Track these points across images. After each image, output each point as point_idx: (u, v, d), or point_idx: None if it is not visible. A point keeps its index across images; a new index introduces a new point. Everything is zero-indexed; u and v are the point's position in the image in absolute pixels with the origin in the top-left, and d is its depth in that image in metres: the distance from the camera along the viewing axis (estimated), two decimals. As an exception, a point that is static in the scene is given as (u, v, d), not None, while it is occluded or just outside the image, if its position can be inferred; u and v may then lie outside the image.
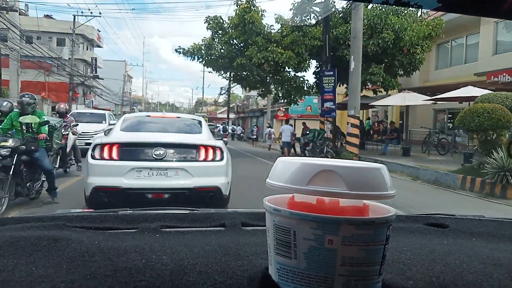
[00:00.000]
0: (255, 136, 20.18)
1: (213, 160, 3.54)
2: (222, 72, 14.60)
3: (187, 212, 0.73)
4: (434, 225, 0.66)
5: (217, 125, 24.83)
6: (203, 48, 12.87)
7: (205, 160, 3.52)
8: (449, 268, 0.43)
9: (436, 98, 10.52)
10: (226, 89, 31.36)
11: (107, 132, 5.25)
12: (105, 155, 3.40)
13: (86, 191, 3.42)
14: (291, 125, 13.88)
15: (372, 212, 0.36)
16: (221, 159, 3.57)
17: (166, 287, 0.37)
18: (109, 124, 10.05)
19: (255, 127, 22.11)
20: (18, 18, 16.77)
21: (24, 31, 16.89)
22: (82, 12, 22.77)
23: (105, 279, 0.37)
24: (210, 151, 3.54)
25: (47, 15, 30.47)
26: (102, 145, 3.45)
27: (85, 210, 1.03)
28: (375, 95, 13.52)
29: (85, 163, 3.54)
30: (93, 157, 3.42)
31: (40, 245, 0.46)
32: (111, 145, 3.45)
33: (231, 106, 33.85)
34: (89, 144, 9.60)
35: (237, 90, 38.64)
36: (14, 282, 0.37)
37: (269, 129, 17.64)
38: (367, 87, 12.39)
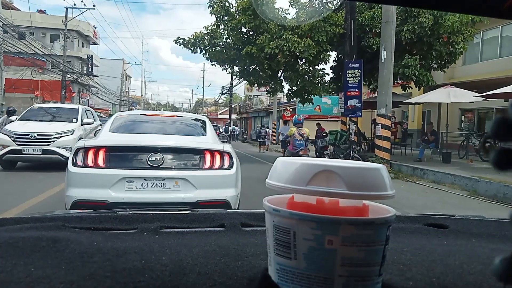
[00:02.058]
0: (263, 139, 17.64)
1: (220, 168, 3.12)
2: (227, 66, 13.27)
3: (187, 212, 0.76)
4: (434, 226, 0.68)
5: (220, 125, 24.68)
6: (206, 37, 11.72)
7: (211, 168, 3.11)
8: (449, 269, 0.45)
9: (491, 93, 8.86)
10: (228, 88, 31.39)
11: (96, 133, 4.65)
12: (89, 161, 2.95)
13: (66, 205, 3.01)
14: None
15: (372, 212, 0.37)
16: (230, 166, 3.15)
17: (166, 287, 0.38)
18: (82, 124, 8.22)
19: (263, 128, 19.36)
20: (11, 12, 16.83)
21: (11, 25, 16.64)
22: (75, 4, 23.06)
23: (104, 279, 0.39)
24: (217, 157, 3.14)
25: (40, 10, 30.94)
26: (85, 149, 2.98)
27: (84, 210, 1.04)
28: (404, 91, 12.24)
29: (66, 171, 3.08)
30: (74, 163, 2.96)
31: (39, 245, 0.48)
32: (96, 149, 2.99)
33: (232, 106, 33.81)
34: (48, 152, 7.35)
35: (239, 90, 38.69)
36: (12, 283, 0.38)
37: (267, 129, 18.56)
38: (396, 82, 10.99)
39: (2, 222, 0.61)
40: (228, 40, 12.01)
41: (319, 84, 12.40)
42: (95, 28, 34.61)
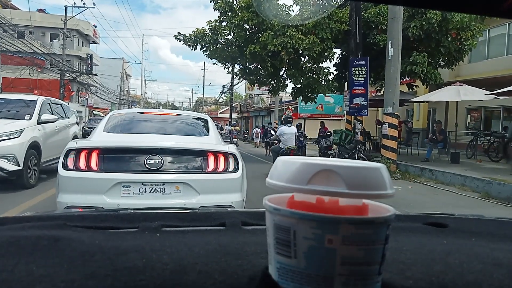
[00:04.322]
0: (270, 140, 16.29)
1: (225, 171, 2.95)
2: (229, 64, 13.31)
3: (188, 211, 0.77)
4: (434, 225, 0.69)
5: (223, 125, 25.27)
6: (207, 33, 11.68)
7: (214, 171, 2.93)
8: (449, 268, 0.46)
9: (503, 91, 8.58)
10: (229, 87, 31.46)
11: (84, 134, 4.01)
12: (81, 164, 2.77)
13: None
14: (300, 124, 13.95)
15: (372, 211, 0.38)
16: (235, 169, 2.97)
17: (167, 286, 0.39)
18: (40, 122, 6.06)
19: (270, 126, 17.35)
20: (10, 11, 16.93)
21: (10, 24, 16.58)
22: (74, 3, 23.19)
23: (105, 278, 0.40)
24: (221, 159, 2.96)
25: (40, 9, 31.17)
26: (77, 151, 2.79)
27: (85, 209, 1.05)
28: (409, 90, 12.19)
29: (56, 175, 2.90)
30: (65, 166, 2.78)
31: (40, 244, 0.49)
32: (89, 150, 2.80)
33: (233, 105, 33.85)
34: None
35: (239, 89, 38.77)
36: (14, 281, 0.39)
37: (257, 128, 19.96)
38: (403, 79, 10.92)
39: (4, 221, 0.62)
40: (230, 37, 11.90)
41: (323, 82, 12.30)
42: (95, 27, 34.80)
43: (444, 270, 0.45)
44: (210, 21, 11.83)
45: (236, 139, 16.85)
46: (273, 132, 18.08)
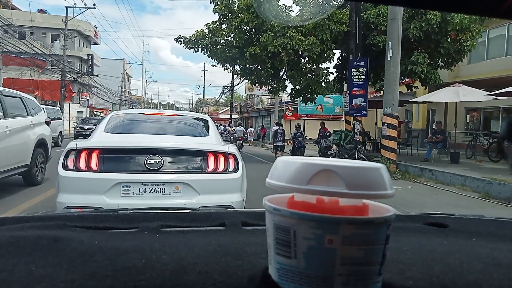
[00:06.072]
0: (281, 142, 12.57)
1: (225, 171, 2.96)
2: (229, 65, 13.37)
3: (187, 211, 0.77)
4: (434, 225, 0.69)
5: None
6: (207, 35, 11.82)
7: (214, 171, 2.94)
8: (449, 268, 0.46)
9: (503, 92, 8.43)
10: (229, 87, 31.52)
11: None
12: (81, 164, 2.77)
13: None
14: (300, 125, 14.10)
15: (372, 211, 0.37)
16: (235, 169, 2.99)
17: (166, 286, 0.39)
18: None
19: (280, 128, 12.99)
20: (11, 12, 16.96)
21: (11, 25, 16.53)
22: (75, 4, 23.23)
23: (105, 278, 0.40)
24: (221, 159, 2.98)
25: (41, 9, 31.21)
26: (77, 151, 2.79)
27: (85, 210, 1.05)
28: (409, 90, 12.24)
29: (56, 175, 2.89)
30: (65, 167, 2.78)
31: (40, 244, 0.49)
32: (89, 151, 2.80)
33: (233, 105, 33.91)
34: None
35: (240, 89, 38.88)
36: (13, 282, 0.39)
37: (250, 128, 22.21)
38: (401, 81, 10.76)
39: (3, 221, 0.62)
40: (229, 38, 11.96)
41: (323, 83, 12.35)
42: (96, 28, 34.87)
43: (445, 270, 0.45)
44: (209, 23, 11.98)
45: (231, 137, 17.99)
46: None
